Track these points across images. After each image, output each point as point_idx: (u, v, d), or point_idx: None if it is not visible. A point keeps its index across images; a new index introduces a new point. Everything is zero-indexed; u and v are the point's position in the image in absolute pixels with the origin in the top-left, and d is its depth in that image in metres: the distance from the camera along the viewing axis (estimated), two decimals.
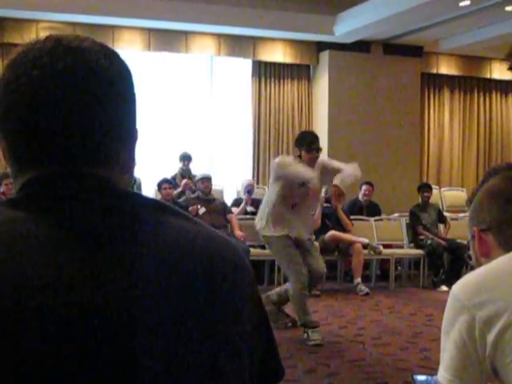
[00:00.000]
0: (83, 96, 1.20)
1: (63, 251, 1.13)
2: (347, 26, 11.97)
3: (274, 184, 7.42)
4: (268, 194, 7.72)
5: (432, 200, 12.32)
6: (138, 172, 10.94)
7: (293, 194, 7.25)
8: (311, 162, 7.24)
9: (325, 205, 11.24)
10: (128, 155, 1.29)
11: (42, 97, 1.19)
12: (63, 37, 1.25)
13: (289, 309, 7.80)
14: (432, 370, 6.15)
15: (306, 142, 7.26)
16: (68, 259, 1.12)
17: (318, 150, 7.35)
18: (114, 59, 1.26)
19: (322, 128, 12.90)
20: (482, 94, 15.27)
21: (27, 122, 1.20)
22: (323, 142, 12.98)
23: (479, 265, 2.01)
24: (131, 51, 11.81)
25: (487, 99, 15.34)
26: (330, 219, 11.34)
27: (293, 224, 7.29)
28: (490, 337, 1.71)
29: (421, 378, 2.38)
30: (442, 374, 1.79)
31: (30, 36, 10.87)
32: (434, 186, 12.92)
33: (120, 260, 1.15)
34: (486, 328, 1.72)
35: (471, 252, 2.13)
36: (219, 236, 1.29)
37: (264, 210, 7.54)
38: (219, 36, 12.54)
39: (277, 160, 7.54)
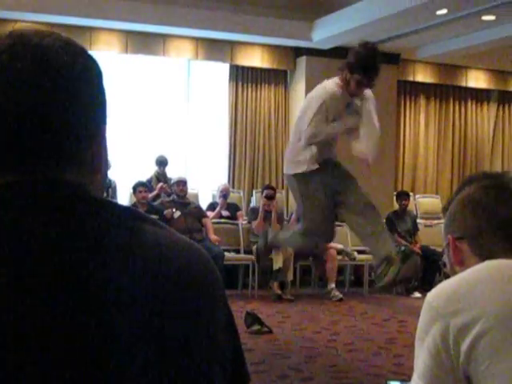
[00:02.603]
0: (43, 96, 1.17)
1: (24, 262, 1.09)
2: (325, 32, 11.98)
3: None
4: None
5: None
6: (114, 175, 10.91)
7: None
8: (358, 91, 6.33)
9: None
10: (97, 154, 1.26)
11: (1, 98, 1.16)
12: (24, 33, 1.21)
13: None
14: (405, 376, 6.18)
15: (362, 66, 6.14)
16: (30, 270, 1.09)
17: (373, 84, 6.35)
18: (79, 57, 1.22)
19: None
20: (457, 102, 15.32)
21: None
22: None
23: (454, 273, 2.02)
24: (108, 53, 11.78)
25: (462, 107, 15.40)
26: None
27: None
28: (464, 345, 1.72)
29: (394, 382, 2.40)
30: (416, 381, 1.81)
31: None
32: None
33: (90, 271, 1.12)
34: (460, 336, 1.73)
35: (446, 260, 2.15)
36: (193, 245, 1.27)
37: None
38: (197, 40, 12.51)
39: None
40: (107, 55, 11.63)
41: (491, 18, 11.23)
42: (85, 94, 1.23)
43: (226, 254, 10.47)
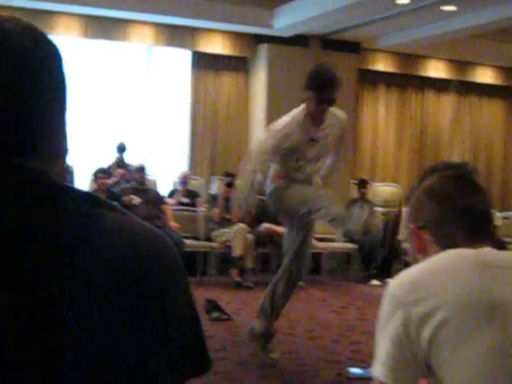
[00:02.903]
0: (4, 81, 1.16)
1: None
2: (286, 20, 11.98)
3: None
4: None
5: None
6: (73, 161, 10.82)
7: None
8: (318, 116, 6.03)
9: (260, 197, 11.30)
10: (59, 143, 1.25)
11: None
12: None
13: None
14: (363, 362, 6.23)
15: (317, 84, 5.96)
16: None
17: (331, 100, 6.01)
18: (39, 42, 1.21)
19: (258, 121, 12.94)
20: (416, 91, 15.42)
21: None
22: (259, 136, 13.04)
23: (415, 261, 2.04)
24: (68, 37, 11.65)
25: (422, 97, 15.50)
26: (265, 212, 11.37)
27: None
28: (425, 333, 1.74)
29: (355, 370, 2.41)
30: (378, 368, 1.82)
31: None
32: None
33: (48, 255, 1.12)
34: (421, 324, 1.75)
35: (409, 248, 2.17)
36: (154, 232, 1.27)
37: None
38: (158, 25, 12.44)
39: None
40: (67, 39, 11.50)
41: (452, 8, 11.30)
42: (46, 80, 1.22)
43: (186, 240, 10.45)
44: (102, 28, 11.76)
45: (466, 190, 2.03)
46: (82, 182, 11.35)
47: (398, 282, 1.84)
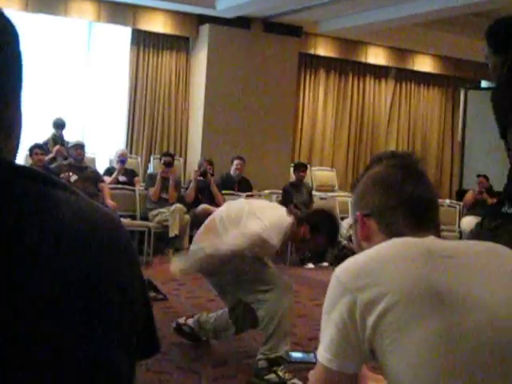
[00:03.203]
0: None
1: None
2: (229, 1, 11.94)
3: None
4: None
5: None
6: None
7: None
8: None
9: (198, 178, 11.31)
10: (13, 119, 1.24)
11: None
12: None
13: None
14: (298, 345, 6.27)
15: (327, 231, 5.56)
16: None
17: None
18: None
19: (198, 101, 12.92)
20: (356, 77, 15.54)
21: None
22: (199, 117, 13.02)
23: (360, 248, 2.06)
24: (8, 11, 11.34)
25: (361, 83, 15.62)
26: (203, 193, 11.38)
27: None
28: (370, 320, 1.75)
29: (296, 354, 2.43)
30: (322, 353, 1.83)
31: None
32: None
33: (4, 236, 1.10)
34: (366, 311, 1.76)
35: (352, 235, 2.19)
36: (108, 213, 1.26)
37: None
38: (99, 2, 12.30)
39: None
40: (6, 13, 11.25)
41: None
42: (1, 57, 1.20)
43: (123, 219, 10.35)
44: (43, 2, 11.54)
45: (412, 179, 2.05)
46: (18, 158, 11.16)
47: (344, 269, 1.85)
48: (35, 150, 10.42)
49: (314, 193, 12.71)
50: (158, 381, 5.04)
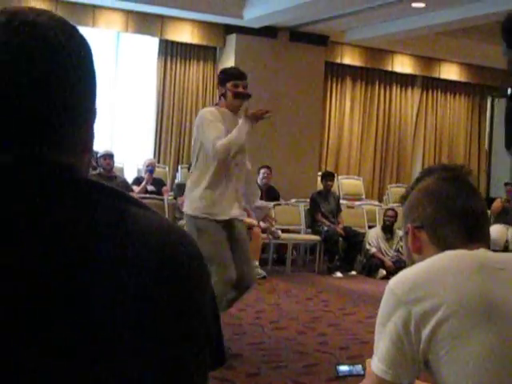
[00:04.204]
0: (39, 72, 1.16)
1: (15, 246, 1.09)
2: (256, 11, 11.98)
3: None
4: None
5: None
6: None
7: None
8: (237, 104, 6.14)
9: None
10: (87, 134, 1.26)
11: None
12: (18, 10, 1.19)
13: None
14: (329, 354, 6.30)
15: (233, 76, 6.17)
16: (19, 249, 1.08)
17: (245, 85, 6.20)
18: (72, 35, 1.21)
19: None
20: (382, 85, 15.53)
21: None
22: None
23: (411, 260, 2.07)
24: None
25: (387, 91, 15.61)
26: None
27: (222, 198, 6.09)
28: (425, 332, 1.77)
29: (343, 368, 2.43)
30: (377, 364, 1.84)
31: None
32: None
33: (71, 256, 1.11)
34: (421, 323, 1.77)
35: (403, 247, 2.20)
36: (177, 227, 1.29)
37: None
38: (127, 12, 12.37)
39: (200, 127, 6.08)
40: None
41: (421, 5, 11.39)
42: (80, 73, 1.23)
43: None
44: (72, 13, 11.58)
45: (463, 192, 2.06)
46: None
47: (398, 281, 1.86)
48: None
49: (341, 201, 12.69)
50: None
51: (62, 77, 1.19)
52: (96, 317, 1.10)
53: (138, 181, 11.92)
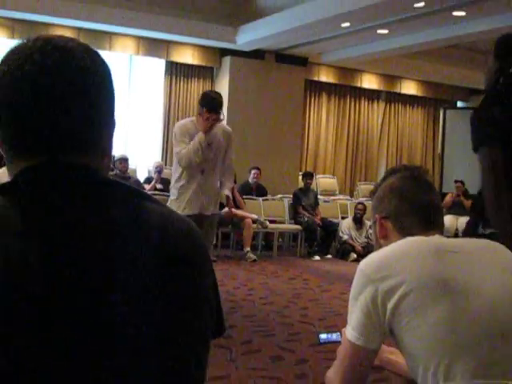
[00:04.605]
0: (69, 89, 1.16)
1: (39, 232, 1.09)
2: (247, 37, 11.96)
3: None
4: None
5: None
6: None
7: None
8: (204, 127, 6.26)
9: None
10: (108, 142, 1.26)
11: (33, 90, 1.14)
12: (51, 37, 1.21)
13: None
14: (310, 324, 6.30)
15: (207, 101, 6.26)
16: (44, 240, 1.08)
17: (218, 111, 6.29)
18: (95, 58, 1.22)
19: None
20: (353, 99, 15.51)
21: (19, 114, 1.15)
22: None
23: (378, 244, 2.08)
24: None
25: (357, 104, 15.60)
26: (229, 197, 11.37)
27: (196, 197, 6.38)
28: (390, 305, 1.78)
29: (323, 336, 2.43)
30: (351, 332, 1.85)
31: None
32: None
33: (97, 241, 1.12)
34: (386, 298, 1.78)
35: (372, 234, 2.21)
36: (185, 219, 1.29)
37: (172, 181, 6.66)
38: (139, 38, 12.35)
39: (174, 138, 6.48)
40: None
41: (385, 31, 11.40)
42: (103, 90, 1.23)
43: None
44: (92, 39, 11.53)
45: (421, 188, 2.07)
46: None
47: (367, 262, 1.87)
48: None
49: (318, 196, 12.69)
50: None
51: (87, 93, 1.19)
52: (124, 290, 1.10)
53: (148, 180, 11.91)
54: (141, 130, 13.06)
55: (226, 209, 10.82)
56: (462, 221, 12.60)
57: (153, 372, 1.12)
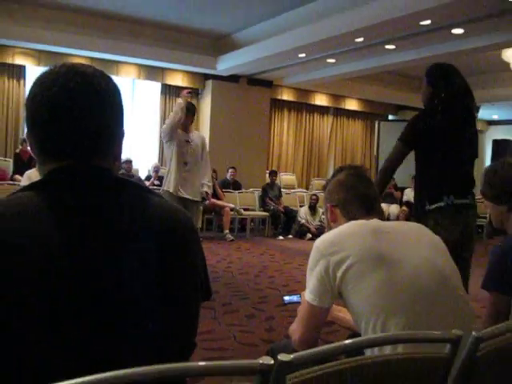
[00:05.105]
0: (88, 106, 1.16)
1: (61, 219, 1.07)
2: (225, 65, 11.90)
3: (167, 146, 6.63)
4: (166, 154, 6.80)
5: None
6: None
7: (183, 152, 6.51)
8: (187, 123, 6.53)
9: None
10: (118, 148, 1.25)
11: (59, 107, 1.14)
12: (73, 64, 1.20)
13: None
14: (276, 289, 6.31)
15: (188, 108, 6.52)
16: (65, 225, 1.07)
17: (193, 114, 6.65)
18: (109, 81, 1.22)
19: (206, 131, 12.87)
20: (308, 114, 15.51)
21: (48, 126, 1.15)
22: (206, 142, 12.98)
23: (329, 226, 2.09)
24: None
25: (311, 118, 15.59)
26: (208, 193, 11.33)
27: (183, 183, 6.50)
28: (339, 274, 1.78)
29: (287, 297, 2.43)
30: (309, 295, 1.86)
31: None
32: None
33: (110, 224, 1.12)
34: (336, 268, 1.79)
35: (325, 219, 2.22)
36: (179, 207, 1.29)
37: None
38: (140, 65, 12.23)
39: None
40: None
41: (333, 60, 11.42)
42: (115, 107, 1.23)
43: None
44: (102, 66, 11.38)
45: (363, 183, 2.08)
46: None
47: (321, 241, 1.87)
48: None
49: (282, 190, 12.71)
50: None
51: (103, 109, 1.19)
52: (131, 265, 1.10)
53: (148, 178, 11.84)
54: (142, 138, 12.93)
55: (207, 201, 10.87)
56: (393, 208, 12.71)
57: (154, 333, 1.11)
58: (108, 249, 1.09)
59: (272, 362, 0.92)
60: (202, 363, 0.88)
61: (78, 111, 1.15)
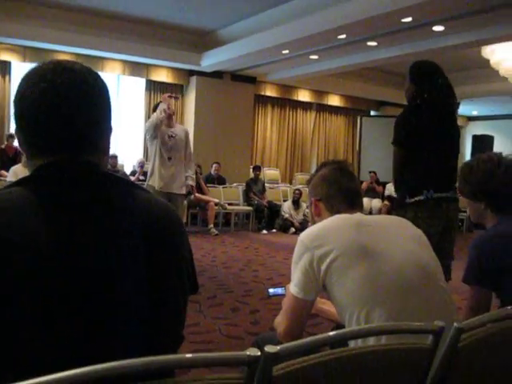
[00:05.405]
0: (77, 102, 1.15)
1: (50, 214, 1.07)
2: (209, 61, 11.87)
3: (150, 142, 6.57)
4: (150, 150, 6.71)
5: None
6: None
7: (166, 147, 6.45)
8: (169, 118, 6.44)
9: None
10: (107, 143, 1.25)
11: (48, 103, 1.14)
12: (60, 60, 1.20)
13: None
14: (260, 283, 6.32)
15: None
16: (55, 221, 1.06)
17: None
18: (96, 77, 1.22)
19: (190, 127, 12.84)
20: (291, 109, 15.53)
21: (37, 121, 1.14)
22: (191, 137, 12.98)
23: (313, 220, 2.09)
24: None
25: (294, 113, 15.62)
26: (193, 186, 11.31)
27: (167, 177, 6.47)
28: (323, 267, 1.78)
29: (271, 290, 2.44)
30: (293, 288, 1.86)
31: None
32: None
33: (100, 220, 1.11)
34: (320, 261, 1.79)
35: (309, 212, 2.22)
36: (165, 202, 1.29)
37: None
38: (124, 62, 12.15)
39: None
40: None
41: (315, 57, 11.43)
42: (103, 103, 1.22)
43: None
44: (87, 62, 11.30)
45: (346, 177, 2.08)
46: None
47: (305, 234, 1.87)
48: None
49: (265, 184, 12.73)
50: None
51: (91, 105, 1.19)
52: (120, 254, 1.10)
53: (133, 173, 11.78)
54: (127, 134, 12.86)
55: (193, 196, 10.86)
56: (375, 202, 12.80)
57: (144, 327, 1.11)
58: (97, 245, 1.09)
59: (259, 353, 0.92)
60: (189, 355, 0.88)
61: (66, 107, 1.15)
